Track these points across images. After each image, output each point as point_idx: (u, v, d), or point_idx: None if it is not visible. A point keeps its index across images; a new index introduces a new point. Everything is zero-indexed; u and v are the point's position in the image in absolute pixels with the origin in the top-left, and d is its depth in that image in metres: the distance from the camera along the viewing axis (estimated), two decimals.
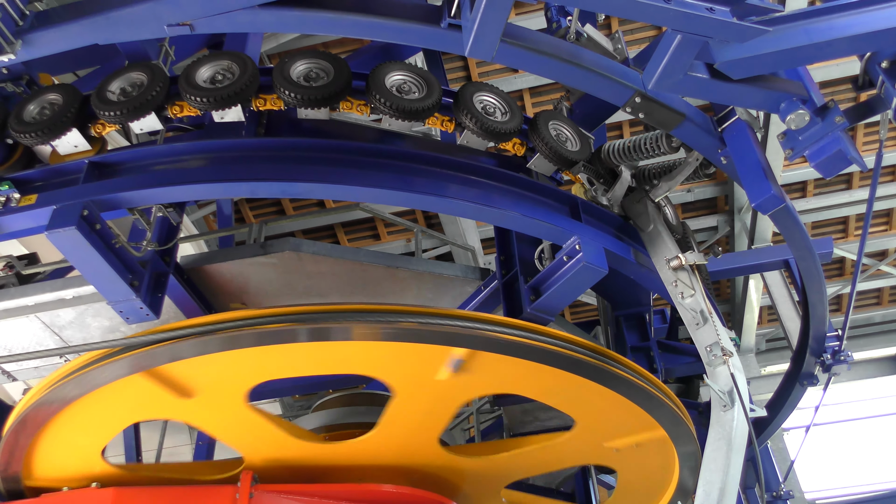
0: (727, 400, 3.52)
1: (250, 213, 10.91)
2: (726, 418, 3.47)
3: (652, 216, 4.53)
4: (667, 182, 4.61)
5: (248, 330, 3.53)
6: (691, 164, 4.51)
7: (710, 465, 3.34)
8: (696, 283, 4.07)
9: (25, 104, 4.21)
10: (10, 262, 5.13)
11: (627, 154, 4.59)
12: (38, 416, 3.93)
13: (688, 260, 4.14)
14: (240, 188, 4.03)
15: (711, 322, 3.83)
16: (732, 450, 3.34)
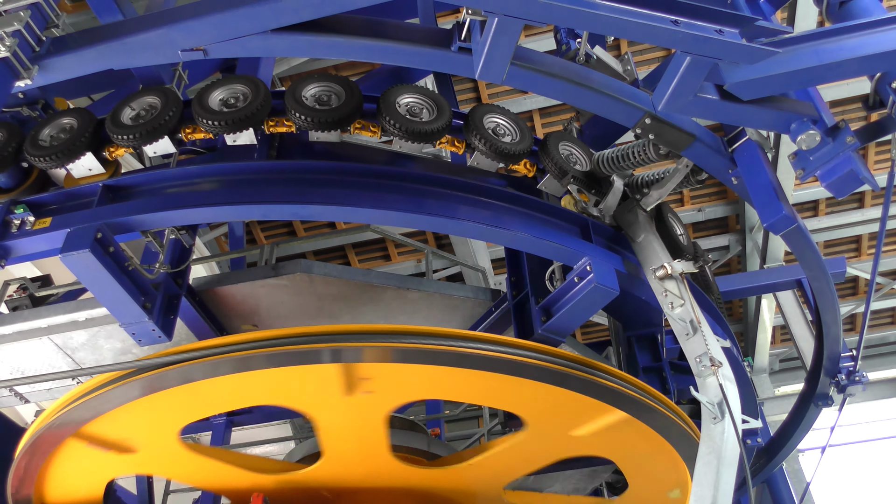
0: (717, 412, 3.41)
1: (262, 234, 10.96)
2: (716, 431, 3.35)
3: (643, 225, 4.47)
4: (657, 190, 4.53)
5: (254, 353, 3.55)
6: (681, 172, 4.43)
7: (701, 479, 3.21)
8: (686, 292, 3.99)
9: (41, 128, 4.26)
10: (23, 284, 5.17)
11: (617, 163, 4.48)
12: (50, 438, 3.94)
13: (675, 269, 4.06)
14: (252, 211, 4.05)
15: (701, 332, 3.74)
16: (723, 463, 3.20)
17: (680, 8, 3.33)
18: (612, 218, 4.60)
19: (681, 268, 4.08)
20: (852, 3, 3.90)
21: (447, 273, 11.47)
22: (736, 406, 3.40)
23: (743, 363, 5.05)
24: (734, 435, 3.29)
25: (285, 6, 3.57)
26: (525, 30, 3.66)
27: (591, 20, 3.29)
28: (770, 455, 6.27)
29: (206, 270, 8.24)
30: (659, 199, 4.55)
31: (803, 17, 8.37)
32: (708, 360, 3.61)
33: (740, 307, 12.63)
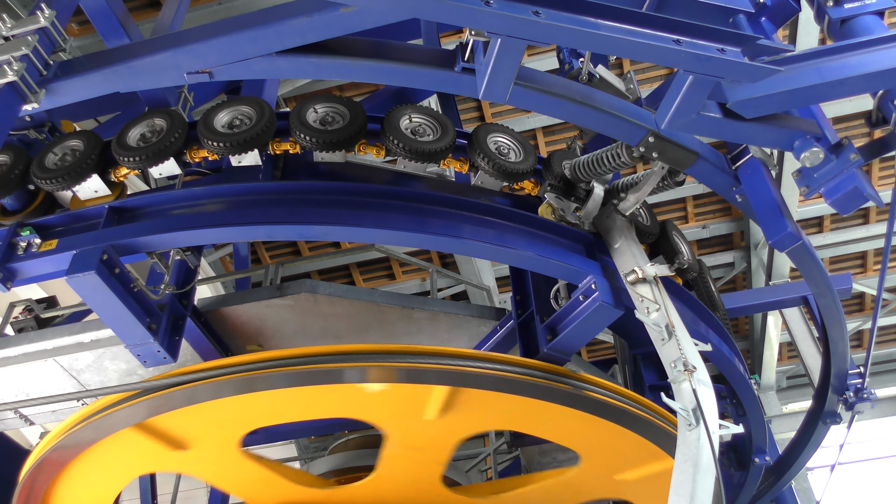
0: (691, 418, 3.26)
1: (266, 254, 10.98)
2: (691, 438, 3.20)
3: (621, 230, 4.35)
4: (634, 194, 4.42)
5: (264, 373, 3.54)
6: (657, 174, 4.31)
7: (678, 489, 3.08)
8: (661, 296, 3.87)
9: (47, 151, 4.29)
10: (29, 305, 5.18)
11: (593, 169, 4.40)
12: (54, 460, 3.94)
13: (647, 272, 3.93)
14: (257, 231, 4.06)
15: (675, 337, 3.63)
16: (699, 472, 3.06)
17: (682, 27, 3.34)
18: (592, 224, 4.52)
19: (653, 271, 3.96)
20: (854, 21, 3.92)
21: (452, 292, 11.46)
22: (711, 411, 3.27)
23: (750, 380, 5.02)
24: (710, 441, 3.15)
25: (289, 29, 3.60)
26: (528, 49, 3.68)
27: (594, 40, 3.31)
28: (779, 474, 6.22)
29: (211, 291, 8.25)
30: (636, 202, 4.42)
31: (805, 35, 8.41)
32: (682, 365, 3.47)
33: (746, 324, 12.59)
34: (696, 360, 3.49)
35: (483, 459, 8.01)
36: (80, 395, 3.92)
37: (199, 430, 3.90)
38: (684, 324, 3.74)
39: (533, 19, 3.13)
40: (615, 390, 3.82)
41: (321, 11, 3.52)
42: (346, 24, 3.54)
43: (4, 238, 4.05)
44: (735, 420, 5.62)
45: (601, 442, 3.96)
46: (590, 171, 4.37)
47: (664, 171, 4.27)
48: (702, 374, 3.42)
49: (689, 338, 3.61)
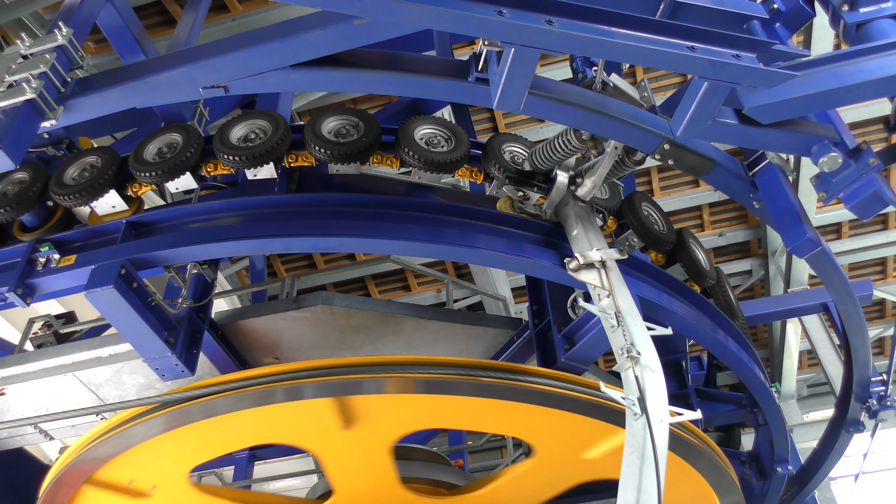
0: (636, 408, 3.09)
1: (282, 267, 11.02)
2: (637, 428, 3.03)
3: (579, 217, 4.19)
4: (590, 178, 4.24)
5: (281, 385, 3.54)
6: (611, 155, 4.12)
7: (625, 482, 2.92)
8: (612, 281, 3.69)
9: (66, 167, 4.33)
10: (48, 321, 5.22)
11: (549, 156, 4.27)
12: (74, 475, 3.95)
13: (590, 257, 3.76)
14: (273, 244, 4.07)
15: (624, 323, 3.45)
16: (645, 463, 2.91)
17: (696, 34, 3.33)
18: (554, 214, 4.40)
19: (598, 255, 3.78)
20: (869, 25, 3.88)
21: (468, 302, 11.45)
22: (657, 399, 3.09)
23: (770, 389, 4.97)
24: (659, 431, 3.00)
25: (304, 42, 3.62)
26: (541, 59, 3.67)
27: (608, 48, 3.30)
28: (801, 483, 6.14)
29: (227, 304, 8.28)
30: (594, 187, 4.25)
31: (819, 41, 8.37)
32: (626, 352, 3.30)
33: (765, 332, 12.48)
34: (643, 345, 3.30)
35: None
36: (99, 409, 3.92)
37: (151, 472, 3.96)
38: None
39: (546, 28, 3.12)
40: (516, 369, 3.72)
41: (335, 24, 3.54)
42: (359, 37, 3.55)
43: (24, 254, 4.09)
44: (756, 429, 5.56)
45: (541, 427, 3.87)
46: (546, 158, 4.26)
47: (617, 153, 4.10)
48: (649, 360, 3.24)
49: (642, 323, 3.44)
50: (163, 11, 8.41)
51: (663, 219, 4.82)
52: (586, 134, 4.01)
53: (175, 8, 8.33)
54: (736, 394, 5.80)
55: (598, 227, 4.16)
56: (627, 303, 3.54)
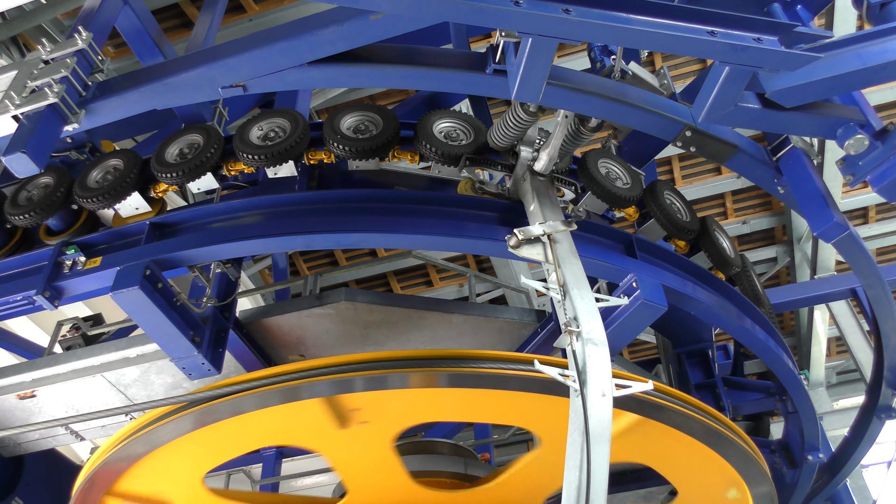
0: (576, 384, 2.96)
1: (304, 265, 11.06)
2: (578, 404, 2.91)
3: (537, 191, 4.02)
4: (545, 151, 4.10)
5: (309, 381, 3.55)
6: (562, 125, 3.92)
7: (570, 462, 2.84)
8: (557, 254, 3.50)
9: (89, 171, 4.37)
10: (76, 323, 5.28)
11: (504, 134, 4.16)
12: (105, 474, 4.00)
13: (530, 232, 3.55)
14: (295, 241, 4.09)
15: (570, 296, 3.29)
16: (589, 440, 2.81)
17: (716, 18, 3.29)
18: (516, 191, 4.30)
19: (539, 230, 3.58)
20: (893, 4, 3.82)
21: (490, 296, 11.42)
22: (598, 372, 2.96)
23: (799, 376, 4.91)
24: (600, 407, 2.89)
25: (320, 39, 3.63)
26: (558, 49, 3.64)
27: (626, 36, 3.27)
28: (833, 471, 6.06)
29: (251, 303, 8.34)
30: (550, 160, 4.11)
31: (842, 21, 8.21)
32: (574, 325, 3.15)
33: (792, 320, 12.33)
34: (586, 318, 3.16)
35: None
36: (128, 409, 3.97)
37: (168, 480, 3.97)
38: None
39: (563, 17, 3.10)
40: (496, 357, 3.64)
41: (351, 20, 3.54)
42: (375, 32, 3.55)
43: (50, 257, 4.14)
44: (786, 418, 5.50)
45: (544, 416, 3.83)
46: (502, 136, 4.17)
47: (568, 121, 3.95)
48: (592, 333, 3.10)
49: (589, 295, 3.30)
50: (180, 14, 8.45)
51: (686, 207, 4.77)
52: (533, 106, 3.88)
53: (192, 10, 8.37)
54: (764, 382, 5.73)
55: (555, 200, 3.99)
56: (575, 274, 3.39)
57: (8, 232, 4.58)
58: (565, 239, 3.61)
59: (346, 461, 4.04)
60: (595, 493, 2.75)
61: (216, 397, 3.60)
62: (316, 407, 3.60)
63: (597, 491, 2.76)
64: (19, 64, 4.12)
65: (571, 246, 3.58)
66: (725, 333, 4.85)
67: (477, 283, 10.47)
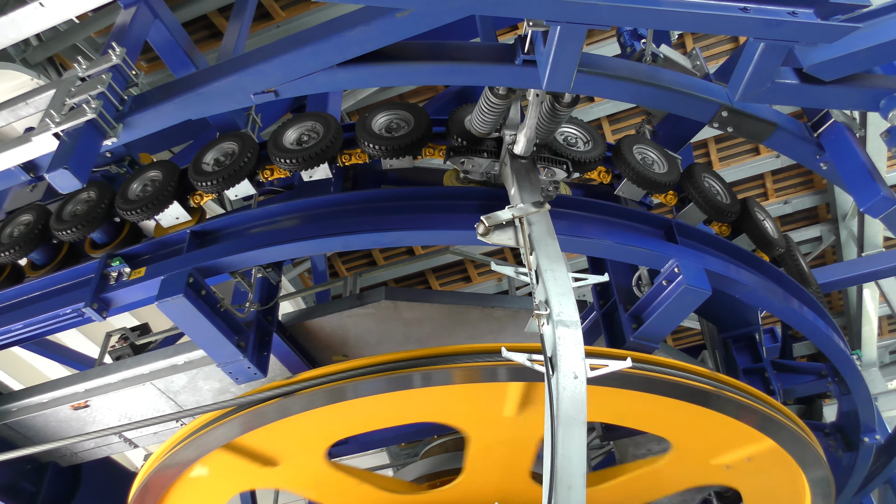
0: (547, 367, 2.90)
1: (342, 266, 11.14)
2: (551, 388, 2.85)
3: (517, 174, 3.91)
4: (522, 132, 3.97)
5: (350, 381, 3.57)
6: (535, 103, 3.81)
7: (547, 448, 2.77)
8: (529, 237, 3.41)
9: (129, 183, 4.45)
10: (124, 334, 5.39)
11: (482, 121, 4.08)
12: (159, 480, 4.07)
13: (497, 219, 3.45)
14: (333, 243, 4.11)
15: (542, 277, 3.21)
16: (562, 425, 2.71)
17: None
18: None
19: (507, 214, 3.48)
20: None
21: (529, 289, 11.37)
22: (569, 354, 2.87)
23: (851, 357, 4.79)
24: (572, 390, 2.79)
25: (348, 40, 3.63)
26: (587, 37, 3.60)
27: (656, 17, 3.21)
28: (890, 453, 5.91)
29: (293, 306, 8.42)
30: (528, 141, 3.98)
31: None
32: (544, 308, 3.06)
33: (840, 300, 12.05)
34: (557, 299, 3.07)
35: None
36: (178, 415, 4.04)
37: (287, 444, 3.98)
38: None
39: (592, 2, 3.07)
40: (703, 374, 3.68)
41: (378, 19, 3.54)
42: (403, 29, 3.55)
43: (96, 270, 4.23)
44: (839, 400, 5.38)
45: (692, 427, 3.82)
46: (480, 123, 4.10)
47: (540, 100, 3.83)
48: (563, 315, 2.99)
49: (564, 275, 3.19)
50: (209, 25, 8.57)
51: (726, 189, 4.69)
52: (502, 89, 3.82)
53: (220, 20, 8.48)
54: (815, 364, 5.62)
55: (536, 182, 3.88)
56: (549, 256, 3.30)
57: (54, 247, 4.69)
58: (541, 220, 3.52)
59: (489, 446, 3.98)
60: (573, 479, 2.67)
61: (263, 400, 3.65)
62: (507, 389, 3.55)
63: (574, 476, 2.67)
64: (57, 83, 4.20)
65: (549, 227, 3.49)
66: (772, 316, 4.76)
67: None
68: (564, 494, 2.63)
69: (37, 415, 5.02)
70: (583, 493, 2.64)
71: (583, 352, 2.91)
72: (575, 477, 2.66)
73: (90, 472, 5.60)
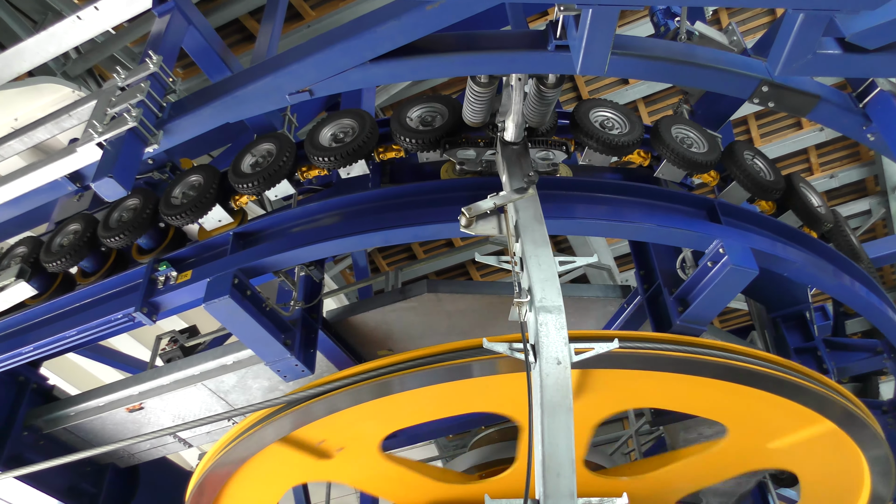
0: (529, 355, 2.88)
1: (383, 262, 11.20)
2: (534, 376, 2.82)
3: (507, 162, 3.87)
4: (509, 118, 3.92)
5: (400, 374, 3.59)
6: (517, 87, 3.75)
7: (536, 437, 2.75)
8: (520, 223, 3.38)
9: (172, 189, 4.53)
10: (174, 336, 5.50)
11: (472, 110, 4.04)
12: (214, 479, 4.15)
13: (478, 209, 3.43)
14: (373, 238, 4.13)
15: (526, 265, 3.19)
16: (546, 412, 2.70)
17: None
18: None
19: (489, 203, 3.45)
20: None
21: (571, 276, 11.30)
22: (551, 340, 2.85)
23: None
24: (555, 377, 2.78)
25: (380, 35, 3.64)
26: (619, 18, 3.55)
27: None
28: None
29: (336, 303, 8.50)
30: (517, 127, 3.93)
31: None
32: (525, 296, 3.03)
33: (893, 274, 11.73)
34: (539, 285, 3.04)
35: (625, 442, 7.84)
36: (230, 414, 4.10)
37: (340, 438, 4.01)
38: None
39: None
40: (757, 356, 3.61)
41: (408, 13, 3.54)
42: (433, 21, 3.54)
43: (144, 275, 4.31)
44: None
45: (749, 411, 3.76)
46: (471, 112, 4.06)
47: (522, 83, 3.79)
48: (545, 301, 2.95)
49: (549, 261, 3.16)
50: (241, 28, 8.66)
51: (769, 166, 4.60)
52: (484, 78, 3.81)
53: (252, 23, 8.57)
54: (869, 340, 5.48)
55: (527, 167, 3.82)
56: (535, 242, 3.27)
57: (103, 255, 4.80)
58: (529, 205, 3.48)
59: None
60: (561, 466, 2.65)
61: (312, 397, 3.69)
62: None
63: (562, 463, 2.66)
64: (98, 93, 4.29)
65: (537, 212, 3.45)
66: (823, 293, 4.65)
67: None
68: (553, 482, 2.62)
69: (94, 418, 5.16)
70: (572, 480, 2.63)
71: (566, 337, 2.90)
72: (563, 464, 2.66)
73: (148, 473, 5.73)
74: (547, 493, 2.60)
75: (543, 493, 2.60)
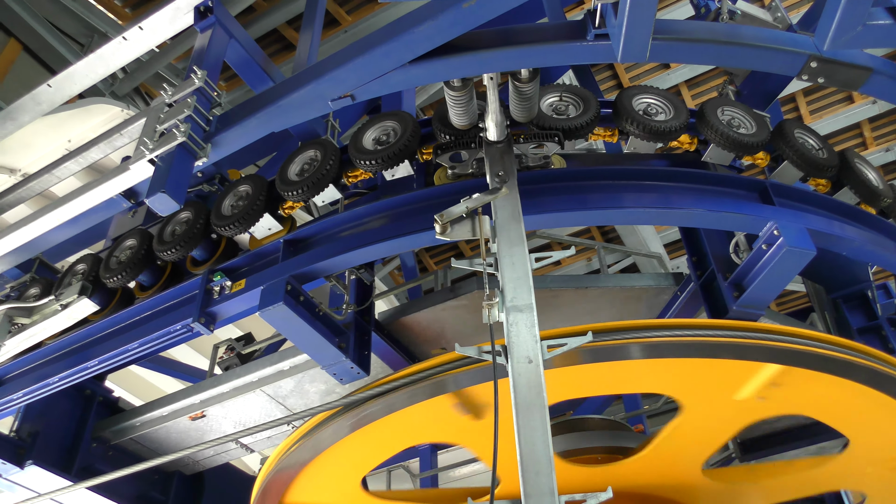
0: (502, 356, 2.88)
1: (431, 261, 11.24)
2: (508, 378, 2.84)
3: (491, 162, 3.82)
4: (488, 117, 3.86)
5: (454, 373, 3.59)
6: (491, 86, 3.69)
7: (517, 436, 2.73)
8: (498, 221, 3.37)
9: (222, 200, 4.61)
10: (231, 345, 5.61)
11: (457, 113, 3.99)
12: (276, 483, 4.22)
13: (451, 214, 3.39)
14: (421, 238, 4.14)
15: (500, 266, 3.19)
16: (520, 412, 2.70)
17: None
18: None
19: (461, 208, 3.41)
20: None
21: (621, 266, 11.18)
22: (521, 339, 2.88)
23: None
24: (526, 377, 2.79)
25: (418, 36, 3.65)
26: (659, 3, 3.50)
27: None
28: None
29: (386, 305, 8.56)
30: (497, 126, 3.86)
31: None
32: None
33: None
34: (510, 284, 3.07)
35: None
36: (289, 419, 4.16)
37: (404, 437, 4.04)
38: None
39: None
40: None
41: (445, 12, 3.54)
42: (470, 19, 3.54)
43: (200, 286, 4.41)
44: None
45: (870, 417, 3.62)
46: (457, 115, 4.02)
47: (497, 81, 3.72)
48: (516, 300, 3.00)
49: (523, 259, 3.18)
50: (280, 38, 8.78)
51: (821, 143, 4.48)
52: (457, 81, 3.80)
53: (291, 32, 8.68)
54: None
55: (510, 165, 3.79)
56: (510, 240, 3.28)
57: (159, 268, 4.92)
58: (507, 204, 3.48)
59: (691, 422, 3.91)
60: (539, 464, 2.63)
61: (369, 398, 3.72)
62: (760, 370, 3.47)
63: (540, 461, 2.64)
64: (147, 111, 4.40)
65: (515, 210, 3.45)
66: (884, 271, 4.52)
67: (606, 253, 10.30)
68: (533, 481, 2.61)
69: (158, 427, 5.30)
70: (552, 478, 2.61)
71: (537, 335, 2.92)
72: (541, 462, 2.64)
73: (212, 479, 5.87)
74: (527, 493, 2.59)
75: (524, 492, 2.59)
